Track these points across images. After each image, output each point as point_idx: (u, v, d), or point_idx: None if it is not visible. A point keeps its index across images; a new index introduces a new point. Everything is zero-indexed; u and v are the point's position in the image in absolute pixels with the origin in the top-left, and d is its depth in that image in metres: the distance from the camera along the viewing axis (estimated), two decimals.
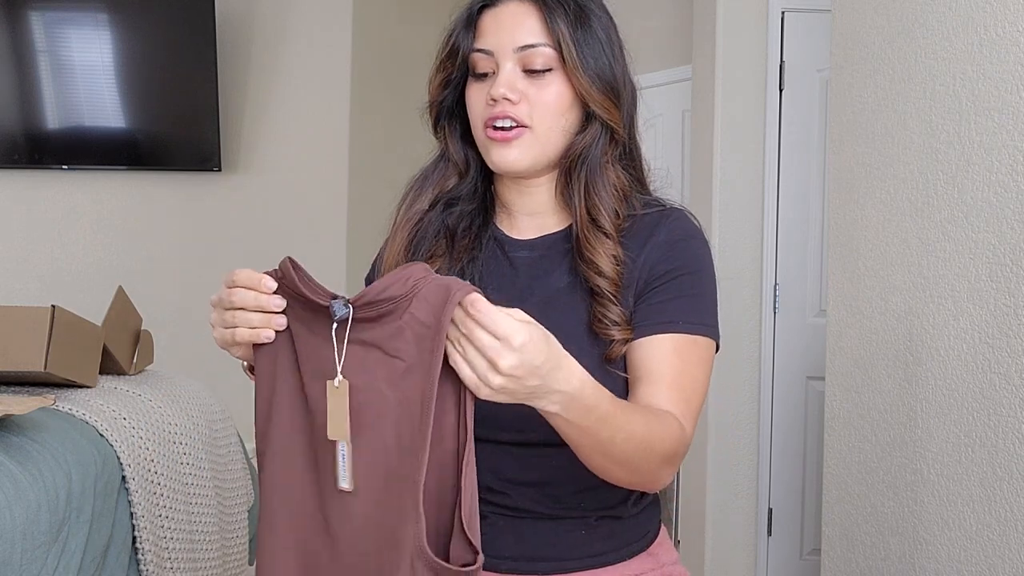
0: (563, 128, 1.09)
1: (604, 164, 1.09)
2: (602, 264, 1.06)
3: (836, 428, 2.06)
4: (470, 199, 1.15)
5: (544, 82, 1.07)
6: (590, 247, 1.06)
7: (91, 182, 4.08)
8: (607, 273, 1.05)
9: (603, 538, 1.12)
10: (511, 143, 1.07)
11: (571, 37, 1.05)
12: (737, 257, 3.09)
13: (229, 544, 2.15)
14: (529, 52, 1.06)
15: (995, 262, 1.54)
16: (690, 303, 1.07)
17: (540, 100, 1.06)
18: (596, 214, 1.08)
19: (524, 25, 1.06)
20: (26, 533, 1.39)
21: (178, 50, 3.93)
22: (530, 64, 1.06)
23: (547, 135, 1.08)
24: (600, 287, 1.05)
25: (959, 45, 1.65)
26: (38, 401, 1.56)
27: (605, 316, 1.05)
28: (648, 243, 1.09)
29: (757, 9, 3.07)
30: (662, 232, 1.09)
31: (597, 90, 1.07)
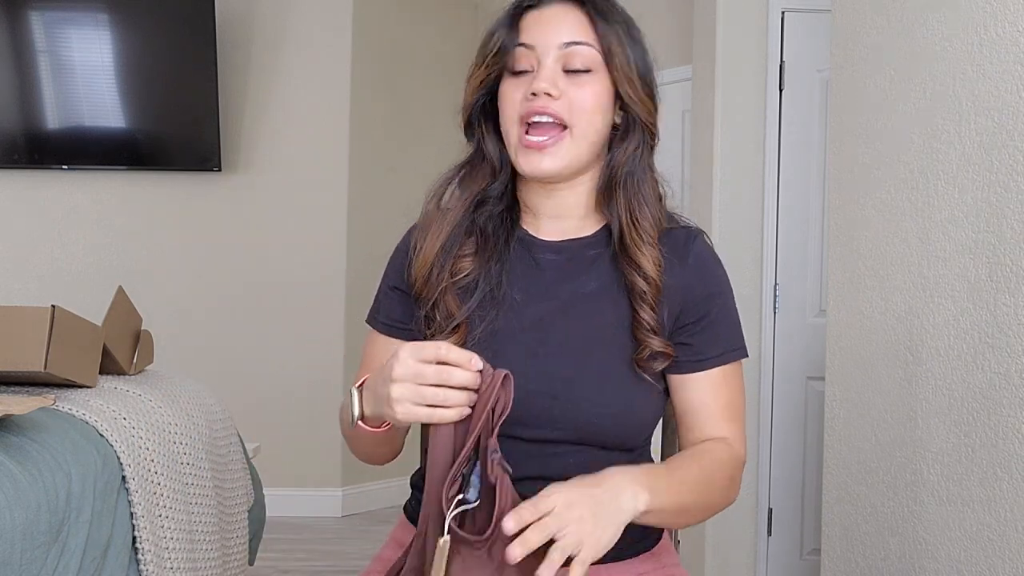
0: (597, 130, 1.09)
1: (646, 170, 1.12)
2: (648, 268, 1.08)
3: (836, 428, 2.06)
4: (499, 200, 1.16)
5: (583, 81, 1.07)
6: (638, 251, 1.09)
7: (91, 182, 4.08)
8: (652, 276, 1.08)
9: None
10: (547, 148, 1.06)
11: (618, 39, 1.07)
12: (737, 257, 3.09)
13: (229, 544, 2.15)
14: (573, 50, 1.06)
15: (995, 262, 1.54)
16: (727, 330, 1.14)
17: (579, 99, 1.06)
18: (642, 220, 1.10)
19: (569, 23, 1.07)
20: (26, 533, 1.39)
21: (178, 50, 3.93)
22: (571, 63, 1.07)
23: (583, 136, 1.08)
24: (644, 291, 1.08)
25: (959, 45, 1.65)
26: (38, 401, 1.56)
27: (644, 320, 1.08)
28: (683, 264, 1.12)
29: (757, 9, 3.07)
30: (692, 255, 1.13)
31: (644, 92, 1.09)
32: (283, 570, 3.32)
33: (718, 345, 1.12)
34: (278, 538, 3.64)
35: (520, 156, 1.08)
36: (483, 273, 1.13)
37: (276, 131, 4.11)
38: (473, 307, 1.11)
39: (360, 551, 3.57)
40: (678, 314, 1.12)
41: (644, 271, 1.08)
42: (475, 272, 1.12)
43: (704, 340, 1.12)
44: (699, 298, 1.12)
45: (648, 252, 1.09)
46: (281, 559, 3.44)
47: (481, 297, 1.12)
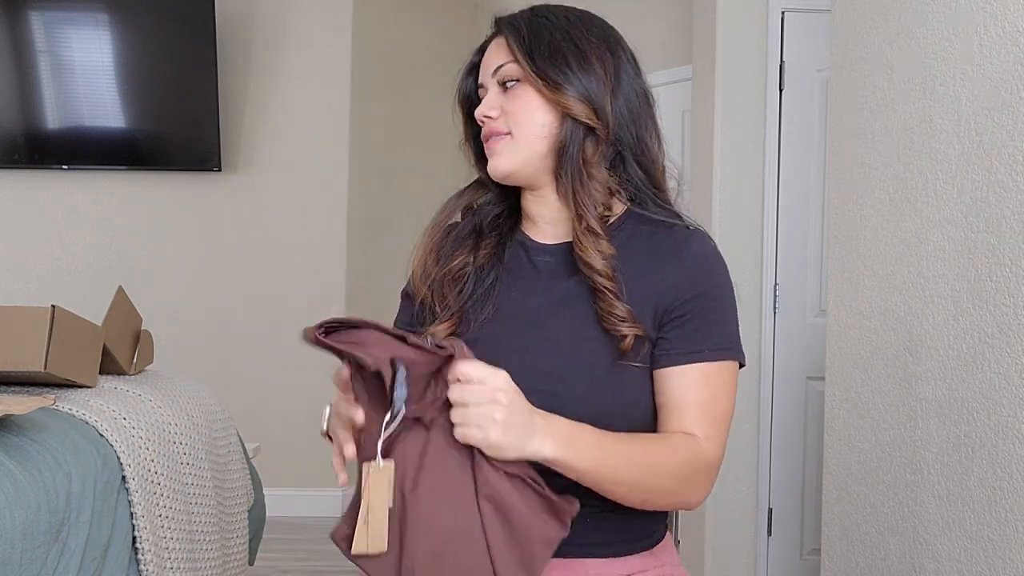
0: (538, 130, 1.15)
1: (587, 162, 1.15)
2: (594, 262, 1.11)
3: (836, 428, 2.06)
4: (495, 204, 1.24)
5: (513, 93, 1.16)
6: (583, 247, 1.12)
7: (91, 182, 4.08)
8: (600, 269, 1.11)
9: (606, 531, 1.14)
10: (495, 150, 1.17)
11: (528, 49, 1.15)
12: (737, 257, 3.09)
13: (229, 544, 2.15)
14: (499, 71, 1.17)
15: (995, 262, 1.54)
16: (715, 329, 1.13)
17: (512, 109, 1.16)
18: (583, 211, 1.14)
19: (497, 51, 1.18)
20: (26, 533, 1.39)
21: (178, 50, 3.93)
22: (502, 80, 1.17)
23: (525, 138, 1.15)
24: (602, 285, 1.11)
25: (959, 45, 1.65)
26: (38, 401, 1.56)
27: (611, 313, 1.10)
28: (675, 262, 1.14)
29: (757, 9, 3.07)
30: (688, 254, 1.14)
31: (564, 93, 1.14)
32: (283, 570, 3.32)
33: (699, 342, 1.12)
34: (278, 538, 3.64)
35: (487, 166, 1.19)
36: (479, 269, 1.20)
37: (276, 131, 4.11)
38: (466, 298, 1.19)
39: None
40: (664, 311, 1.12)
41: (592, 265, 1.11)
42: (469, 267, 1.20)
43: (683, 335, 1.12)
44: (687, 296, 1.12)
45: (593, 246, 1.12)
46: (281, 559, 3.44)
47: (474, 290, 1.19)
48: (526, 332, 1.15)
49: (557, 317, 1.14)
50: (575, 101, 1.13)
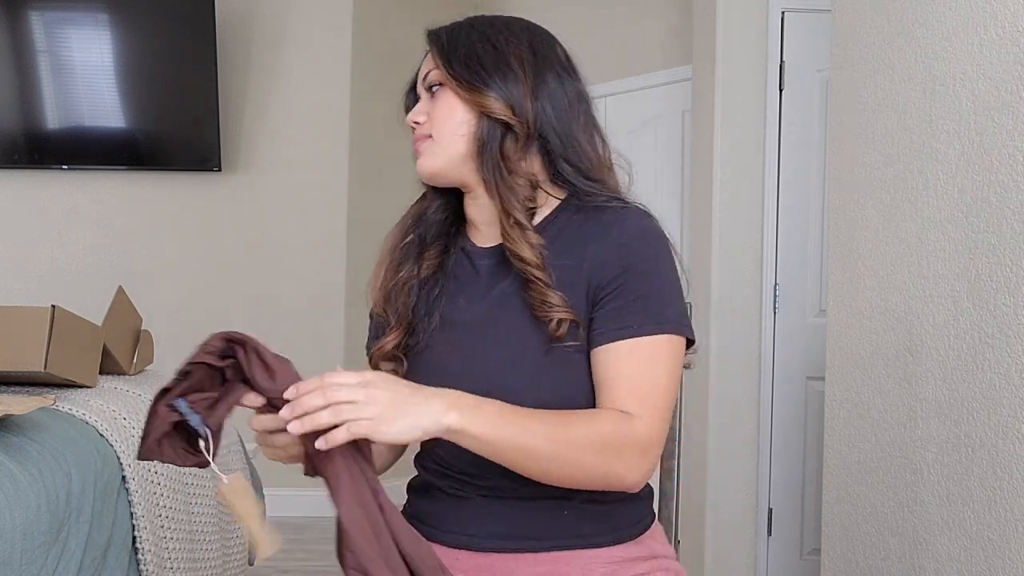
0: (455, 129, 1.18)
1: (507, 156, 1.16)
2: (524, 253, 1.13)
3: (836, 428, 2.06)
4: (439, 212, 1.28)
5: (439, 97, 1.21)
6: (511, 240, 1.14)
7: (91, 182, 4.08)
8: (530, 260, 1.12)
9: (589, 521, 1.14)
10: (419, 152, 1.22)
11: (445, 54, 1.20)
12: (737, 257, 3.09)
13: (229, 544, 2.15)
14: (426, 79, 1.23)
15: (995, 262, 1.54)
16: (644, 304, 1.10)
17: (436, 112, 1.20)
18: (508, 205, 1.15)
19: (427, 63, 1.24)
20: (26, 533, 1.39)
21: (178, 50, 3.93)
22: (428, 87, 1.22)
23: (445, 138, 1.19)
24: (533, 275, 1.12)
25: (959, 45, 1.65)
26: (38, 401, 1.56)
27: (544, 301, 1.11)
28: (602, 240, 1.14)
29: (757, 9, 3.07)
30: (615, 232, 1.13)
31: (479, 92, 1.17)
32: (283, 570, 3.32)
33: (625, 318, 1.10)
34: None
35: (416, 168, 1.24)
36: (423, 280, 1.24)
37: (276, 131, 4.11)
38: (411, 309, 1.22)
39: None
40: (594, 290, 1.12)
41: (522, 256, 1.13)
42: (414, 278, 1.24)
43: (611, 313, 1.11)
44: (613, 273, 1.12)
45: (522, 237, 1.14)
46: (281, 559, 3.44)
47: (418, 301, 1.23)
48: (470, 337, 1.17)
49: (498, 317, 1.16)
50: (492, 100, 1.16)
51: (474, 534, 1.14)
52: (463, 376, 1.10)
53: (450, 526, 1.16)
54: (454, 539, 1.16)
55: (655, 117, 3.87)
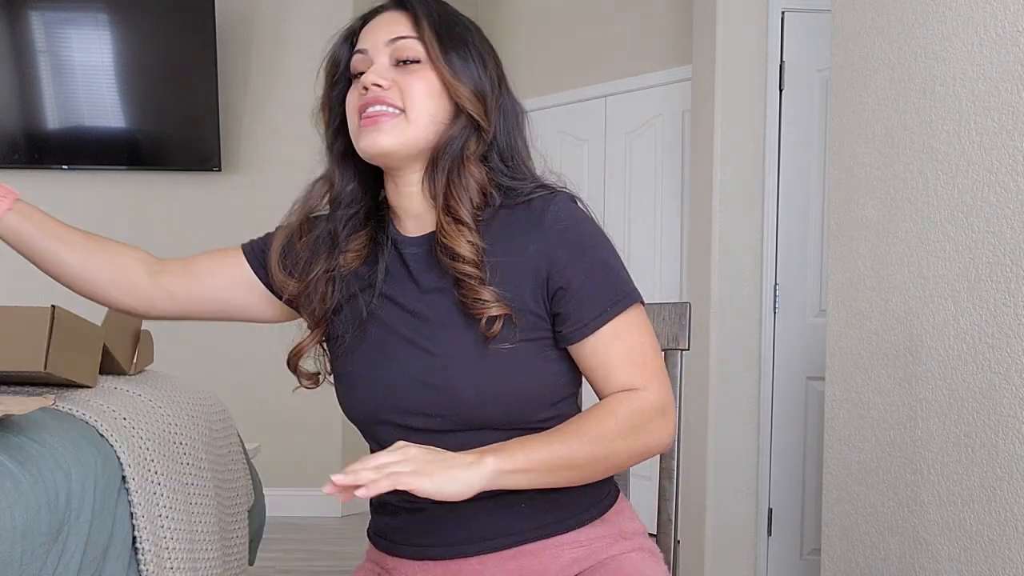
0: (433, 115, 1.13)
1: (467, 158, 1.14)
2: (461, 250, 1.09)
3: (836, 428, 2.06)
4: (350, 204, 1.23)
5: (414, 71, 1.13)
6: (449, 236, 1.10)
7: (91, 182, 4.08)
8: (468, 257, 1.09)
9: (547, 509, 1.13)
10: (380, 125, 1.12)
11: (437, 34, 1.13)
12: (737, 257, 3.09)
13: (229, 544, 2.15)
14: (399, 44, 1.13)
15: (995, 262, 1.54)
16: (605, 284, 1.11)
17: (409, 85, 1.12)
18: (455, 204, 1.12)
19: (395, 23, 1.15)
20: (26, 533, 1.39)
21: (178, 50, 3.93)
22: (399, 56, 1.13)
23: (418, 119, 1.12)
24: (465, 273, 1.09)
25: (959, 45, 1.65)
26: (38, 401, 1.56)
27: (477, 299, 1.08)
28: (538, 230, 1.12)
29: (757, 9, 3.07)
30: (549, 217, 1.12)
31: (463, 85, 1.13)
32: (283, 570, 3.32)
33: (597, 305, 1.10)
34: (278, 538, 3.64)
35: (360, 139, 1.14)
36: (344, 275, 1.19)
37: (276, 131, 4.11)
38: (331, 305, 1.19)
39: (359, 551, 3.57)
40: (545, 281, 1.11)
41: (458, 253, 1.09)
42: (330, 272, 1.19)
43: (580, 305, 1.10)
44: (563, 262, 1.10)
45: (461, 235, 1.10)
46: (281, 559, 3.44)
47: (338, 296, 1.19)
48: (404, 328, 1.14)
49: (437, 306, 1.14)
50: (471, 96, 1.13)
51: (437, 543, 1.14)
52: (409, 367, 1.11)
53: (412, 539, 1.16)
54: (419, 551, 1.15)
55: (655, 117, 3.87)
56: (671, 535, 1.34)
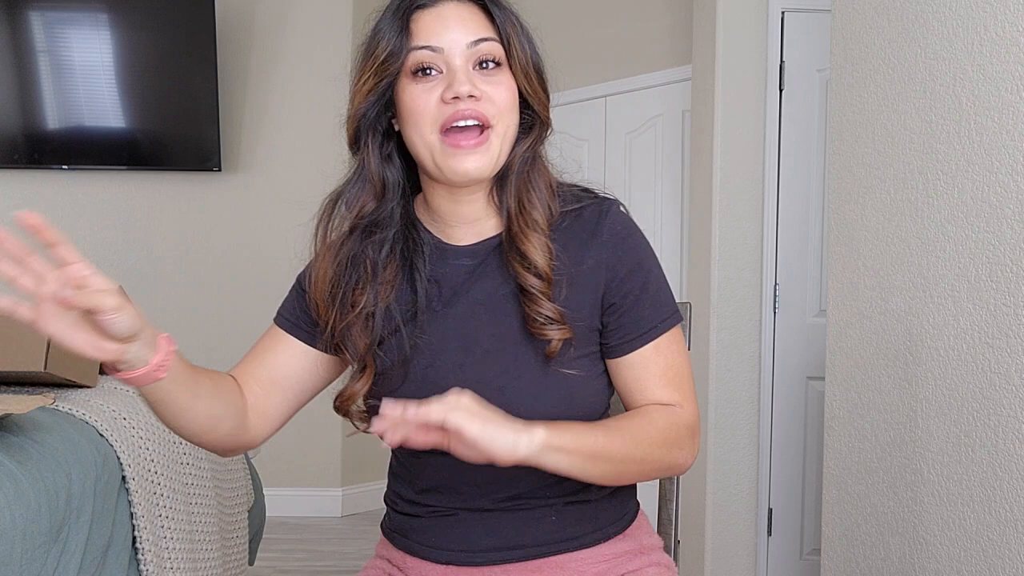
0: (514, 127, 1.07)
1: (538, 161, 1.10)
2: (536, 259, 1.04)
3: (836, 428, 2.06)
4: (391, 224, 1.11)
5: (497, 79, 1.04)
6: (525, 242, 1.05)
7: (91, 182, 4.08)
8: (541, 268, 1.04)
9: (575, 523, 1.12)
10: (484, 145, 1.03)
11: (513, 31, 1.05)
12: (737, 257, 3.09)
13: (229, 544, 2.15)
14: (482, 46, 1.03)
15: (995, 262, 1.54)
16: (654, 301, 1.10)
17: (498, 96, 1.04)
18: (531, 210, 1.06)
19: (472, 20, 1.04)
20: (26, 533, 1.39)
21: (178, 50, 3.93)
22: (483, 59, 1.04)
23: (505, 134, 1.05)
24: (533, 286, 1.04)
25: (959, 45, 1.65)
26: (38, 401, 1.56)
27: (539, 314, 1.03)
28: (595, 241, 1.08)
29: (757, 9, 3.07)
30: (605, 229, 1.08)
31: (539, 85, 1.08)
32: (283, 570, 3.32)
33: (646, 321, 1.09)
34: (278, 538, 3.64)
35: (445, 159, 1.03)
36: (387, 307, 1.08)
37: (276, 131, 4.11)
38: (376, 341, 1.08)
39: (360, 551, 3.57)
40: (603, 295, 1.08)
41: (533, 262, 1.04)
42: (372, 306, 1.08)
43: (631, 320, 1.08)
44: (621, 276, 1.08)
45: (536, 241, 1.04)
46: (281, 559, 3.44)
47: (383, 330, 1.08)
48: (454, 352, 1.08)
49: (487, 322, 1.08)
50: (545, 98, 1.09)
51: (462, 549, 1.11)
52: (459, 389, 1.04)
53: (437, 541, 1.12)
54: (443, 555, 1.12)
55: (655, 117, 3.87)
56: (671, 535, 1.34)
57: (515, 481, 1.08)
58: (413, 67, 1.04)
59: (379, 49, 1.05)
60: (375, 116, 1.08)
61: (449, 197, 1.10)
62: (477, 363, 1.07)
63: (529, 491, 1.10)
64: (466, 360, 1.07)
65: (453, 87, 1.01)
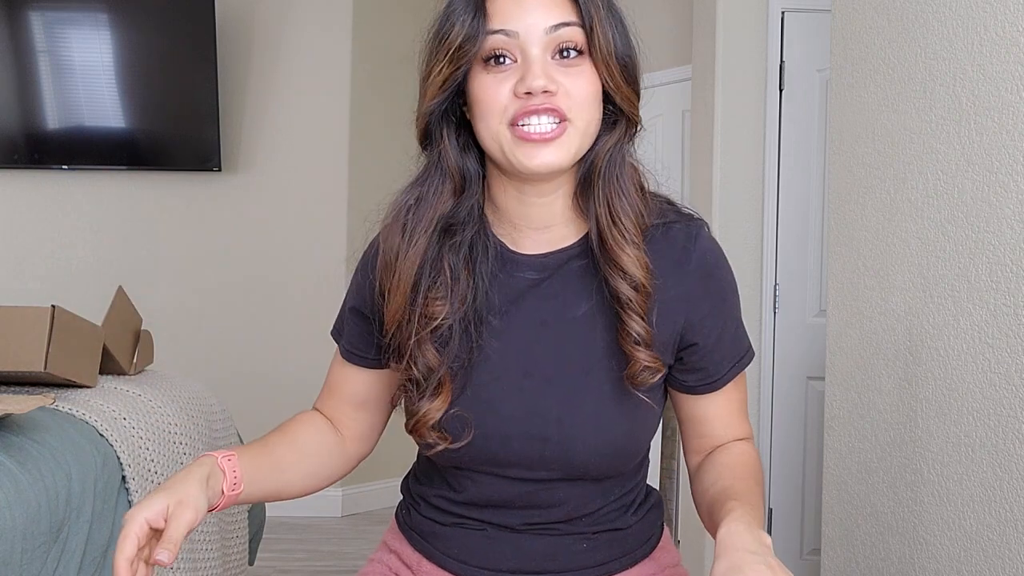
0: (595, 122, 0.96)
1: (626, 162, 0.99)
2: (633, 270, 0.95)
3: (836, 428, 2.06)
4: (470, 222, 1.01)
5: (577, 69, 0.94)
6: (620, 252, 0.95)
7: (91, 182, 4.08)
8: (639, 279, 0.95)
9: (605, 549, 1.09)
10: (548, 140, 0.93)
11: (598, 15, 0.94)
12: (737, 257, 3.09)
13: (229, 544, 2.15)
14: (563, 32, 0.93)
15: (995, 262, 1.54)
16: (735, 339, 1.06)
17: (576, 90, 0.93)
18: (623, 217, 0.96)
19: (555, 3, 0.94)
20: (26, 533, 1.39)
21: (178, 50, 3.93)
22: (563, 46, 0.93)
23: (583, 129, 0.95)
24: (631, 299, 0.96)
25: (959, 45, 1.65)
26: (38, 401, 1.56)
27: (632, 330, 0.96)
28: (682, 269, 1.00)
29: (757, 9, 3.07)
30: (695, 258, 1.00)
31: (624, 79, 0.96)
32: (283, 570, 3.32)
33: (727, 361, 1.05)
34: (278, 538, 3.64)
35: (518, 150, 0.94)
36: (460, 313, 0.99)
37: (276, 131, 4.11)
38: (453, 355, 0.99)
39: (360, 551, 3.57)
40: (682, 331, 1.01)
41: (628, 273, 0.95)
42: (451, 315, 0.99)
43: (716, 360, 1.04)
44: (706, 313, 1.01)
45: (631, 252, 0.95)
46: (281, 559, 3.44)
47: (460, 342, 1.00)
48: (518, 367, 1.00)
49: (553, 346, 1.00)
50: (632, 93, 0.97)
51: (486, 567, 1.06)
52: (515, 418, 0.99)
53: (459, 554, 1.08)
54: (464, 569, 1.08)
55: (655, 117, 3.87)
56: (672, 535, 1.34)
57: (558, 507, 1.06)
58: (486, 54, 0.95)
59: (453, 34, 0.95)
60: (448, 107, 1.00)
61: (519, 198, 1.00)
62: (537, 389, 1.00)
63: (566, 517, 1.07)
64: (525, 384, 1.00)
65: (526, 80, 0.92)
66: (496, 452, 1.01)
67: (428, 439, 1.00)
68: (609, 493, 1.08)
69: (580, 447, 0.99)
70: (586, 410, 0.99)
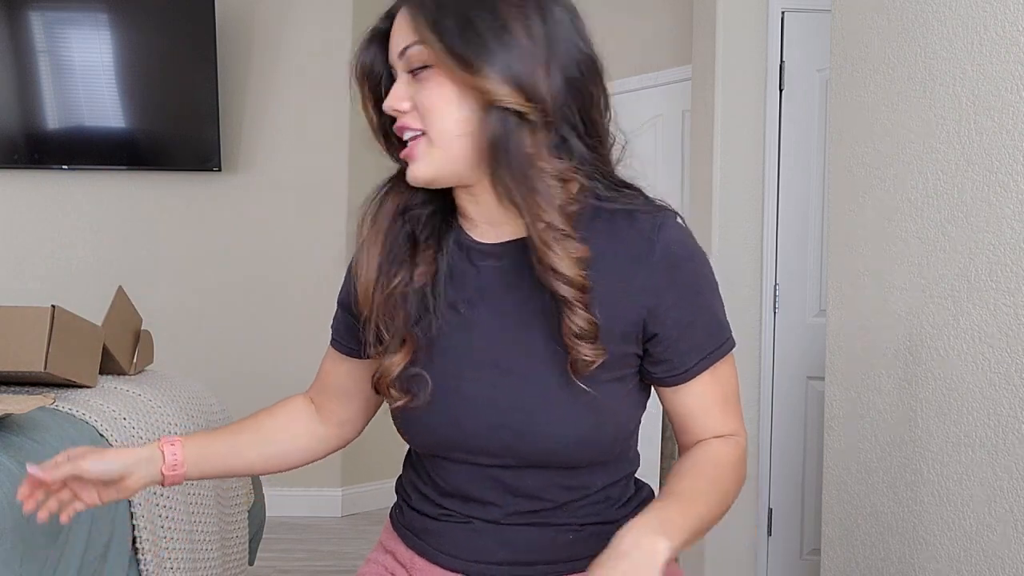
0: (458, 123, 0.97)
1: (529, 156, 0.96)
2: (566, 269, 0.95)
3: (836, 428, 2.06)
4: (424, 204, 1.07)
5: (425, 81, 0.98)
6: (545, 250, 0.96)
7: (91, 182, 4.08)
8: (573, 278, 0.95)
9: (593, 542, 1.08)
10: (412, 154, 1.00)
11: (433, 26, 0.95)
12: (737, 257, 3.09)
13: (229, 544, 2.15)
14: (406, 55, 0.98)
15: (995, 262, 1.54)
16: (707, 330, 1.04)
17: (422, 101, 0.98)
18: (541, 213, 0.95)
19: (402, 29, 0.99)
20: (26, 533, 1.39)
21: (178, 50, 3.93)
22: (410, 66, 0.99)
23: (442, 139, 0.98)
24: (566, 296, 0.96)
25: (959, 45, 1.65)
26: (38, 401, 1.55)
27: (573, 323, 0.96)
28: (647, 259, 1.00)
29: (757, 9, 3.07)
30: (659, 249, 1.00)
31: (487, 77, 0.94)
32: (283, 570, 3.32)
33: (696, 352, 1.03)
34: (278, 538, 3.64)
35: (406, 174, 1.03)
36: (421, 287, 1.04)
37: (276, 131, 4.11)
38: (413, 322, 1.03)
39: (359, 551, 3.57)
40: (644, 321, 1.01)
41: (560, 272, 0.95)
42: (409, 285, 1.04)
43: (684, 350, 1.03)
44: (671, 304, 1.00)
45: (559, 250, 0.95)
46: (281, 559, 3.44)
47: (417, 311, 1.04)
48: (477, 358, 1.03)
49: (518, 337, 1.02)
50: (498, 84, 0.94)
51: (475, 560, 1.08)
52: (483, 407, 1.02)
53: (449, 548, 1.10)
54: (454, 563, 1.09)
55: (655, 117, 3.87)
56: None
57: (538, 498, 1.07)
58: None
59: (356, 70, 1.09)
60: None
61: (465, 196, 1.05)
62: (507, 381, 1.02)
63: (551, 509, 1.08)
64: (497, 378, 1.03)
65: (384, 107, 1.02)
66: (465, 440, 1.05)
67: (391, 395, 1.06)
68: (588, 485, 1.08)
69: (541, 436, 1.01)
70: (553, 402, 1.01)
